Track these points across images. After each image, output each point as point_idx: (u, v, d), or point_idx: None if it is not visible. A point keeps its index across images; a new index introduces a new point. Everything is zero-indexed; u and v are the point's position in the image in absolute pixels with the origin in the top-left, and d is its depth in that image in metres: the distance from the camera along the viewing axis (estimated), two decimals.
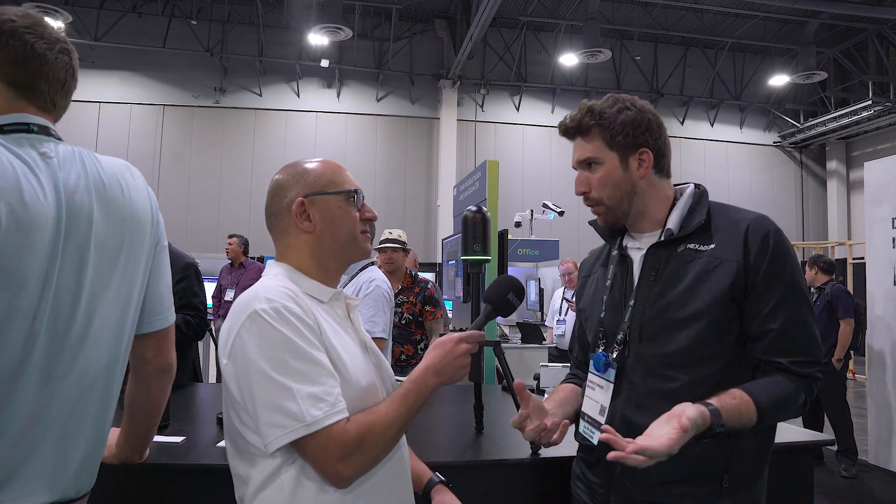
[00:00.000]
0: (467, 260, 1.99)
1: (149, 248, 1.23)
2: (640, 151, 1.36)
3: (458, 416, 2.39)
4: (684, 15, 12.64)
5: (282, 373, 1.07)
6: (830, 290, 5.04)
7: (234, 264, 7.11)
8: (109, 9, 11.86)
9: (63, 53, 1.16)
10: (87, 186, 1.12)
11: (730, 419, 1.19)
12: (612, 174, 1.36)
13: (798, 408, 1.27)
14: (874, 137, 14.05)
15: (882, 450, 5.06)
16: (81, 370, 1.10)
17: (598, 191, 1.38)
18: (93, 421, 1.13)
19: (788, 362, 1.25)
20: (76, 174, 1.12)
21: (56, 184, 1.08)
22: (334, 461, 1.07)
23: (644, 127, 1.36)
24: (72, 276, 1.08)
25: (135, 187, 1.22)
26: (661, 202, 1.40)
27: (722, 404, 1.19)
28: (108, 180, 1.17)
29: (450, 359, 1.19)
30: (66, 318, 1.07)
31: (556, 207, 7.89)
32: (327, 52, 12.25)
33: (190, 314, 2.74)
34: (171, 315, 1.31)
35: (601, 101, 1.39)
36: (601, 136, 1.36)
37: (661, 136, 1.39)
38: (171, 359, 1.35)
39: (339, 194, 1.24)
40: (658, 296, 1.32)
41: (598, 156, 1.37)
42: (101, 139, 11.99)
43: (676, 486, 1.28)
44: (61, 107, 1.19)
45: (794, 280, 1.28)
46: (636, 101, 1.38)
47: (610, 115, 1.35)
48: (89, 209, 1.11)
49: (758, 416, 1.22)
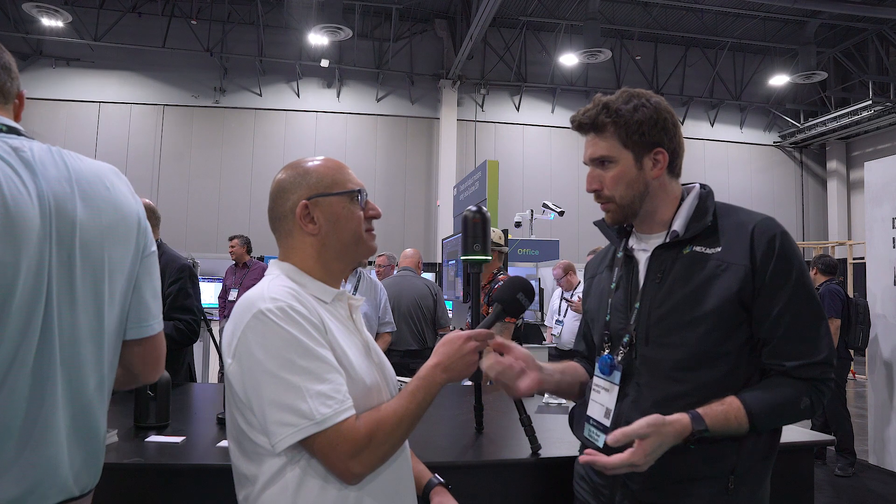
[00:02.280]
0: (467, 260, 1.99)
1: (135, 253, 1.18)
2: (656, 151, 1.34)
3: (458, 416, 2.39)
4: (684, 15, 12.63)
5: (289, 371, 1.07)
6: (823, 290, 5.08)
7: (237, 265, 7.11)
8: (109, 9, 11.85)
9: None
10: (69, 183, 1.08)
11: (715, 424, 1.20)
12: (626, 173, 1.34)
13: (802, 412, 1.26)
14: (874, 137, 14.04)
15: (882, 450, 5.06)
16: (72, 371, 1.07)
17: (610, 189, 1.36)
18: (85, 421, 1.11)
19: (790, 366, 1.25)
20: (56, 170, 1.08)
21: (36, 180, 1.04)
22: (345, 458, 1.08)
23: (660, 126, 1.33)
24: (64, 276, 1.05)
25: (120, 190, 1.18)
26: (670, 203, 1.39)
27: (707, 410, 1.21)
28: (91, 178, 1.13)
29: (458, 356, 1.19)
30: (61, 318, 1.05)
31: (556, 207, 7.88)
32: (327, 52, 12.24)
33: (181, 319, 2.75)
34: (157, 324, 1.24)
35: (616, 97, 1.35)
36: (616, 134, 1.33)
37: (675, 135, 1.36)
38: (159, 374, 1.29)
39: (343, 195, 1.23)
40: (664, 298, 1.31)
41: (613, 154, 1.34)
42: (101, 139, 11.99)
43: (682, 486, 1.28)
44: (10, 93, 1.15)
45: (800, 283, 1.26)
46: (651, 98, 1.35)
47: (626, 112, 1.32)
48: (73, 206, 1.08)
49: (749, 421, 1.22)
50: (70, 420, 1.08)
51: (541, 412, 2.39)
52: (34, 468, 1.02)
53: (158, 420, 1.97)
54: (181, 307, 2.77)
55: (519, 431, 1.85)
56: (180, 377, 2.89)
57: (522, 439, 1.82)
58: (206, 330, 2.92)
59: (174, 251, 2.95)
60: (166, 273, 2.79)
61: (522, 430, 1.83)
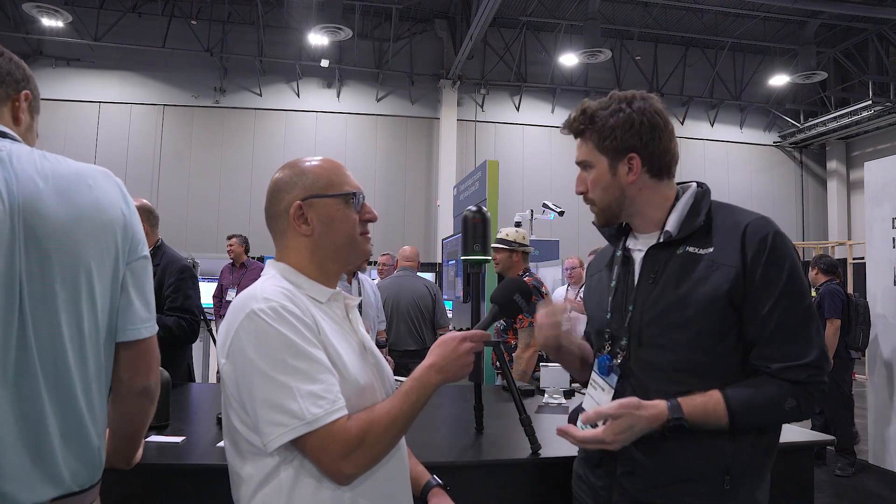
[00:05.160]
0: (467, 260, 1.99)
1: (118, 254, 1.16)
2: (630, 157, 1.33)
3: (458, 416, 2.39)
4: (684, 15, 12.63)
5: (281, 371, 1.07)
6: (823, 290, 5.07)
7: (235, 264, 7.11)
8: (109, 9, 11.85)
9: None
10: (43, 180, 1.08)
11: (692, 414, 1.22)
12: (601, 178, 1.36)
13: (787, 413, 1.25)
14: (874, 137, 14.04)
15: (881, 449, 5.06)
16: (55, 376, 1.06)
17: (592, 192, 1.39)
18: (73, 420, 1.10)
19: (776, 368, 1.23)
20: (32, 169, 1.08)
21: (7, 176, 1.04)
22: (336, 458, 1.08)
23: (634, 131, 1.31)
24: (35, 274, 1.04)
25: (106, 190, 1.16)
26: (658, 204, 1.38)
27: (686, 400, 1.23)
28: (70, 177, 1.11)
29: (453, 357, 1.19)
30: (36, 319, 1.04)
31: (556, 207, 7.88)
32: (327, 52, 12.24)
33: (183, 317, 2.76)
34: (145, 329, 1.20)
35: (599, 102, 1.37)
36: (592, 139, 1.36)
37: (655, 138, 1.33)
38: (150, 381, 1.24)
39: (338, 197, 1.23)
40: (656, 299, 1.31)
41: (590, 159, 1.37)
42: (101, 139, 11.99)
43: (678, 486, 1.28)
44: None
45: (791, 284, 1.24)
46: (634, 102, 1.33)
47: (602, 117, 1.34)
48: (45, 203, 1.06)
49: (729, 415, 1.22)
50: (61, 426, 1.07)
51: (541, 412, 2.39)
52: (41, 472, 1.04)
53: (158, 420, 1.96)
54: (181, 308, 2.77)
55: (519, 431, 1.85)
56: (180, 377, 2.90)
57: (522, 439, 1.82)
58: (205, 330, 2.92)
59: (175, 251, 2.95)
60: (167, 273, 2.79)
61: (522, 430, 1.83)
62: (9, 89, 1.20)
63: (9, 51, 1.22)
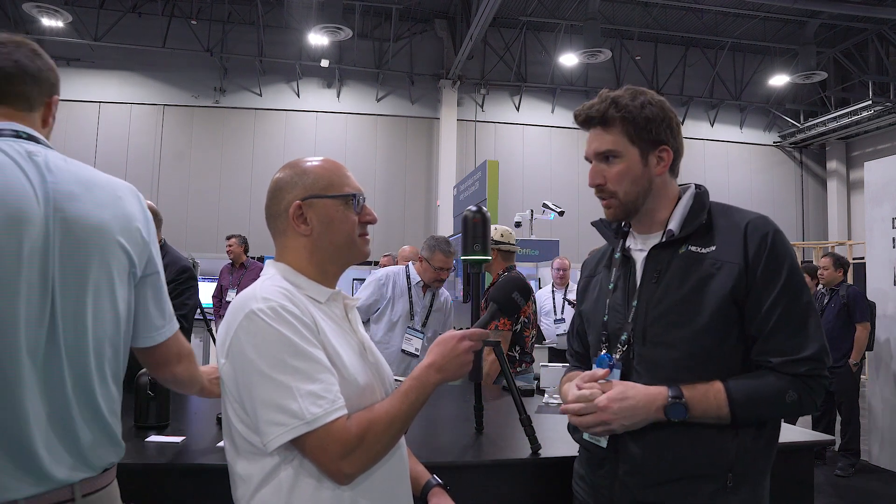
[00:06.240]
0: (467, 260, 1.99)
1: (135, 266, 1.22)
2: (661, 149, 1.36)
3: (458, 416, 2.39)
4: (684, 15, 12.63)
5: (280, 371, 1.07)
6: (846, 292, 5.01)
7: (235, 264, 7.10)
8: (109, 9, 11.84)
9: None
10: (78, 185, 1.14)
11: (693, 398, 1.23)
12: (632, 169, 1.35)
13: (788, 406, 1.26)
14: (874, 137, 14.03)
15: (882, 449, 5.06)
16: (77, 358, 1.12)
17: (614, 184, 1.37)
18: (87, 412, 1.15)
19: (777, 363, 1.25)
20: (68, 174, 1.14)
21: (43, 180, 1.10)
22: (336, 458, 1.08)
23: (666, 124, 1.35)
24: (69, 275, 1.11)
25: (132, 207, 1.23)
26: (668, 202, 1.40)
27: (686, 386, 1.24)
28: (103, 185, 1.19)
29: (452, 356, 1.19)
30: (65, 304, 1.10)
31: (556, 207, 7.88)
32: (327, 52, 12.23)
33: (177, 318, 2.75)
34: (159, 335, 1.32)
35: (622, 93, 1.37)
36: (624, 129, 1.34)
37: (678, 135, 1.39)
38: (175, 373, 1.41)
39: (338, 198, 1.23)
40: (660, 298, 1.32)
41: (619, 149, 1.35)
42: (101, 139, 11.98)
43: (680, 484, 1.28)
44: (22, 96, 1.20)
45: (790, 280, 1.26)
46: (655, 97, 1.37)
47: (634, 108, 1.34)
48: (79, 203, 1.13)
49: (729, 405, 1.23)
50: (81, 412, 1.13)
51: (541, 412, 2.39)
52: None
53: (158, 420, 1.97)
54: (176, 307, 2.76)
55: (519, 431, 1.85)
56: None
57: (522, 439, 1.82)
58: (205, 330, 2.92)
59: (177, 252, 2.95)
60: (167, 273, 2.78)
61: (522, 430, 1.83)
62: (46, 91, 1.24)
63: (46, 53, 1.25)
